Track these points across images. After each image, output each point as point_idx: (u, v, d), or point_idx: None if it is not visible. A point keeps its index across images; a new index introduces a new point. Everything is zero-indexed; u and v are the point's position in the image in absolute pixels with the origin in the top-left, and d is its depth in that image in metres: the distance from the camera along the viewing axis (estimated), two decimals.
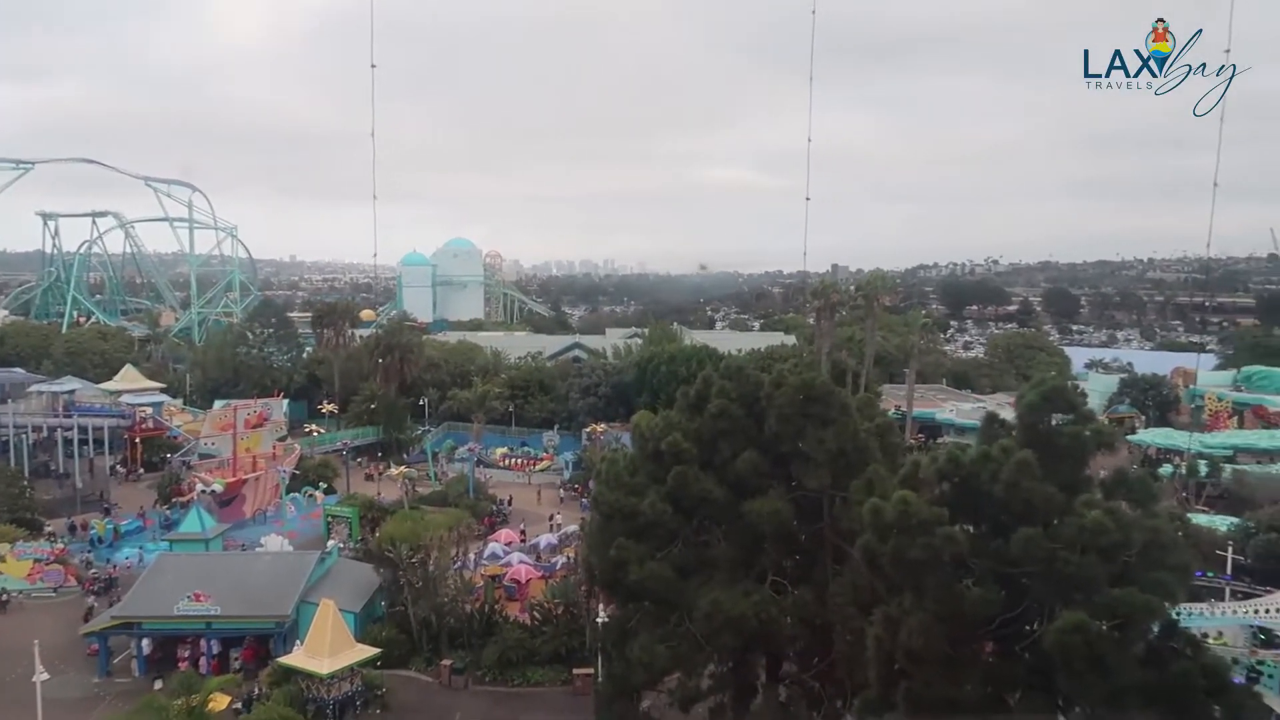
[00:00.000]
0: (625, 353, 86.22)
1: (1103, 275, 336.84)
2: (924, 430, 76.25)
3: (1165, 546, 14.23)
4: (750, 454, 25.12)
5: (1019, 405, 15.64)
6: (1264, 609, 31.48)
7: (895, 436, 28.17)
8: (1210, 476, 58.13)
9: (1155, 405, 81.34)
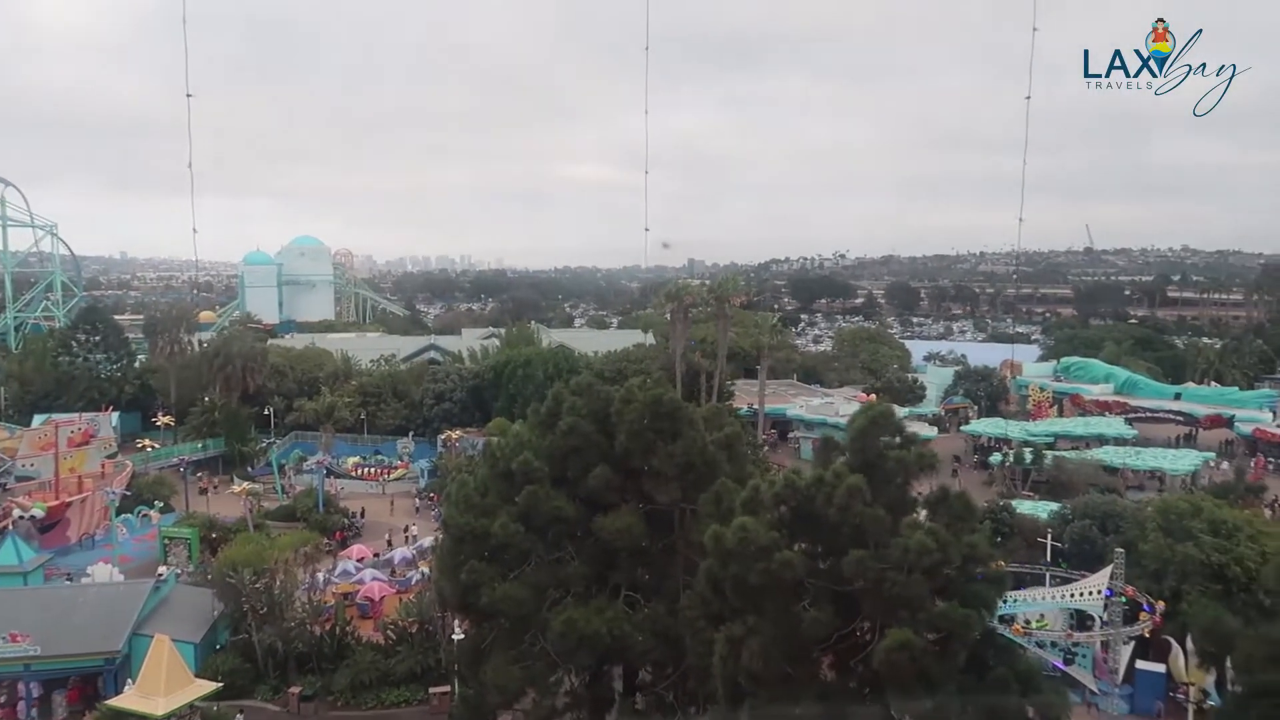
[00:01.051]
0: (482, 355, 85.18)
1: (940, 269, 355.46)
2: (776, 426, 78.76)
3: (981, 560, 15.19)
4: (602, 470, 25.25)
5: (850, 430, 16.32)
6: (1078, 592, 33.98)
7: (742, 445, 28.90)
8: (1034, 463, 62.25)
9: (986, 396, 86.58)
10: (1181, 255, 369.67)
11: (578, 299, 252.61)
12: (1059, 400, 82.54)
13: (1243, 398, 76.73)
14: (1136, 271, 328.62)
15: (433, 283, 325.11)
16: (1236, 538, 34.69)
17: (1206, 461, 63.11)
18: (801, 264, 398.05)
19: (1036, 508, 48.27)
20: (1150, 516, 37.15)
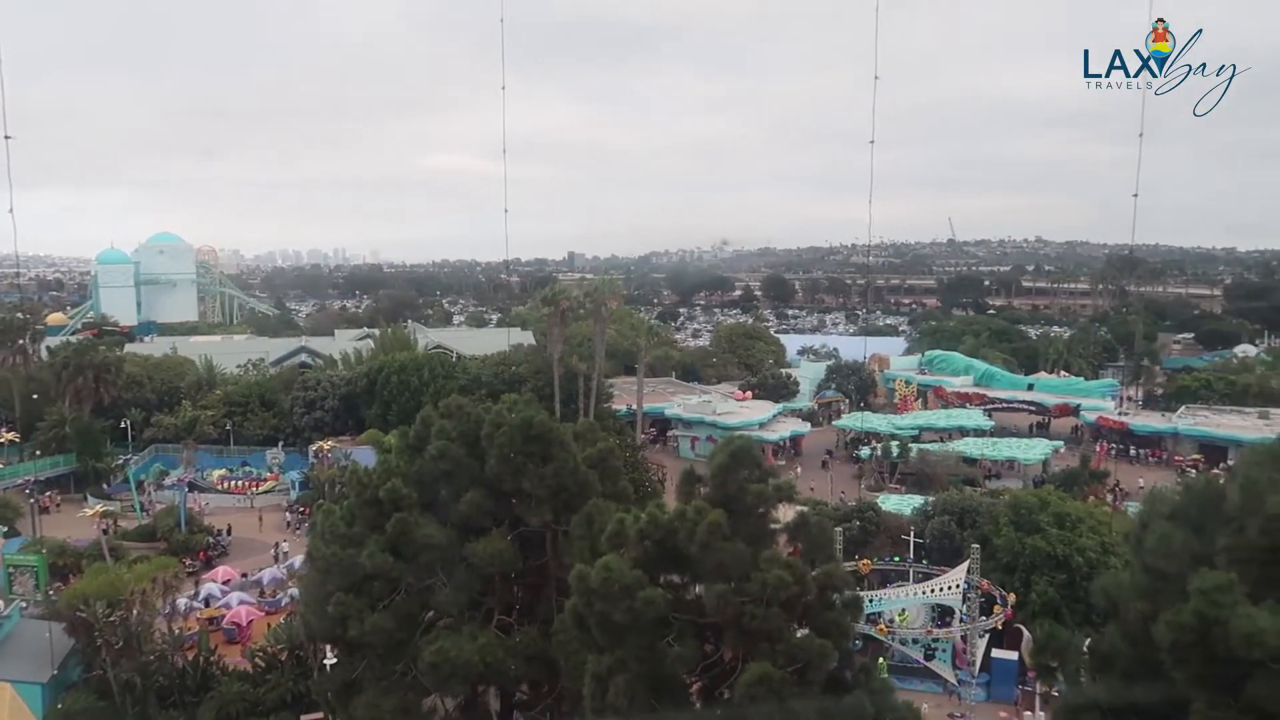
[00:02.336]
0: (355, 359, 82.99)
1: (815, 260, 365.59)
2: (655, 425, 79.60)
3: (837, 587, 15.80)
4: (473, 494, 25.07)
5: (711, 465, 16.70)
6: (939, 587, 35.66)
7: (615, 460, 29.04)
8: (900, 456, 64.93)
9: (857, 389, 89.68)
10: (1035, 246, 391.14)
11: (457, 294, 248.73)
12: (924, 393, 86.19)
13: (1088, 387, 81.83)
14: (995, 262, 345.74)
15: (304, 279, 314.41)
16: (1079, 529, 37.03)
17: (1056, 450, 66.99)
18: (681, 256, 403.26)
19: (902, 502, 50.41)
20: (1003, 511, 39.25)
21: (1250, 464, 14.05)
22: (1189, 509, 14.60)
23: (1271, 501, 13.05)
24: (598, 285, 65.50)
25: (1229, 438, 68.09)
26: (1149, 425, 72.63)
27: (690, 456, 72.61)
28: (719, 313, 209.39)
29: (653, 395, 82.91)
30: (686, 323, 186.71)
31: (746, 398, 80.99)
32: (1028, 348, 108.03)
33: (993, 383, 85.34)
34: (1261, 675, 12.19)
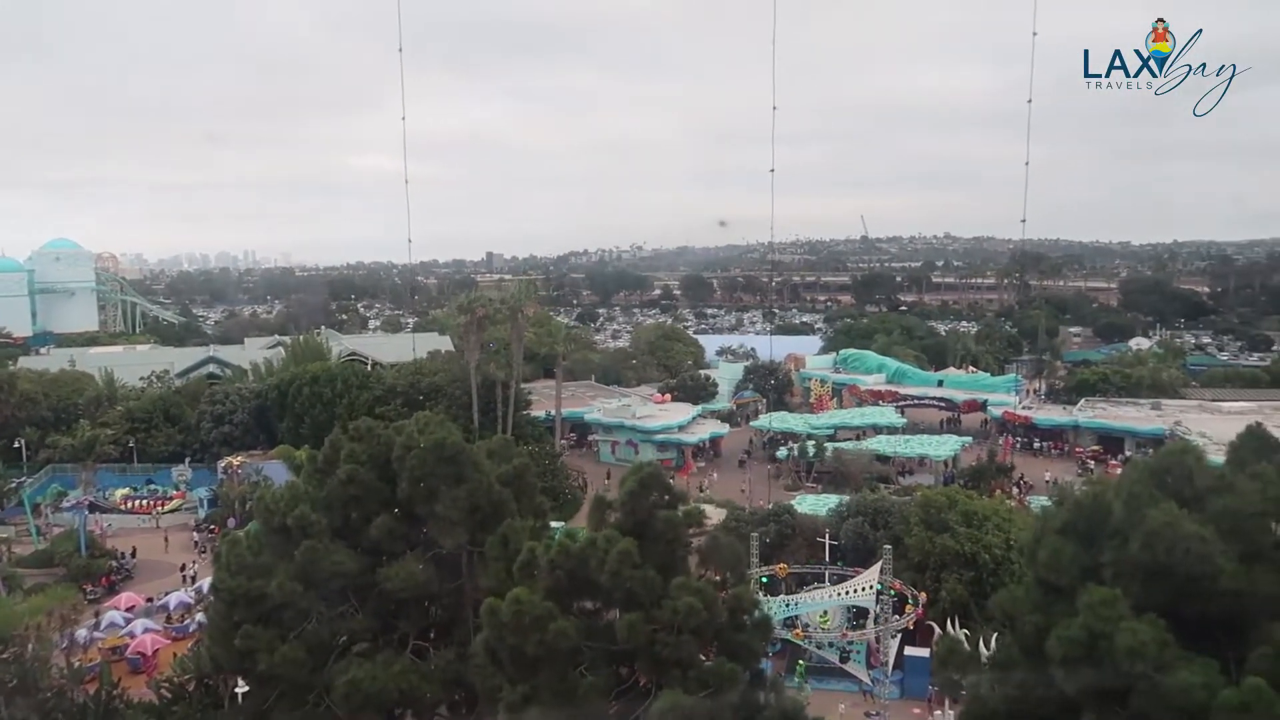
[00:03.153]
0: (266, 370, 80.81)
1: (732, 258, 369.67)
2: (575, 429, 79.45)
3: (747, 610, 16.03)
4: (384, 519, 24.64)
5: (621, 491, 16.76)
6: (853, 589, 36.44)
7: (531, 476, 28.93)
8: (817, 455, 66.11)
9: (774, 389, 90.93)
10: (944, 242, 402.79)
11: (372, 298, 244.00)
12: (839, 391, 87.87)
13: (993, 383, 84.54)
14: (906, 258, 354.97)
15: (212, 283, 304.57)
16: (985, 527, 38.28)
17: (965, 445, 68.99)
18: (600, 256, 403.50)
19: (818, 502, 51.27)
20: (913, 511, 40.32)
21: (1132, 480, 14.71)
22: (1078, 523, 15.21)
23: (1151, 517, 13.68)
24: (514, 291, 65.04)
25: (1125, 429, 71.18)
26: (1051, 419, 75.38)
27: (611, 461, 72.79)
28: (638, 313, 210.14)
29: (572, 399, 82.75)
30: (606, 324, 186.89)
31: (666, 400, 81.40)
32: (937, 344, 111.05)
33: (904, 380, 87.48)
34: (1144, 685, 12.78)
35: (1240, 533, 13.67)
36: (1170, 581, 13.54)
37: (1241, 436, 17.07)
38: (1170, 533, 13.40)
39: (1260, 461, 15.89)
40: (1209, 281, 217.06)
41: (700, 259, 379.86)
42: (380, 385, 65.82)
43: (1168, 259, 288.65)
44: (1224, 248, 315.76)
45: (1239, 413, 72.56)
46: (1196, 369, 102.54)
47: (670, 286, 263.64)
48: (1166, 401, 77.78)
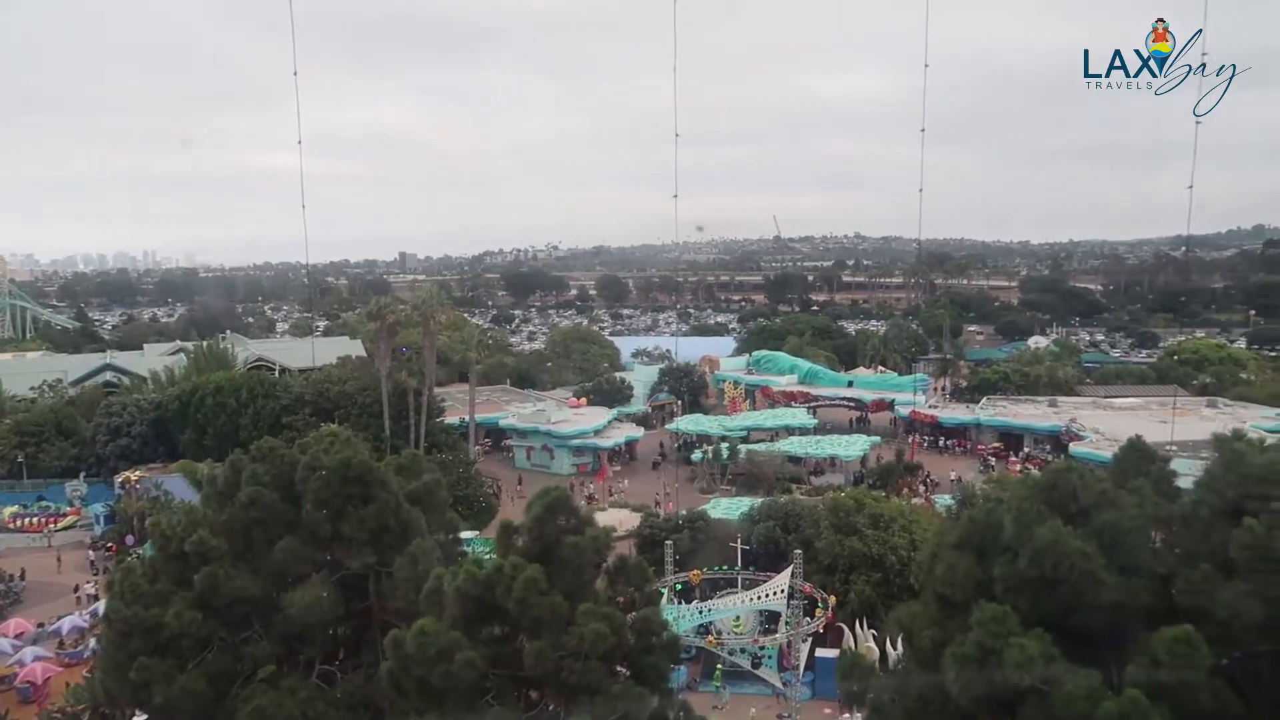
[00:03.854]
0: (167, 378, 77.99)
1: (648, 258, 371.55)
2: (490, 435, 78.79)
3: (655, 631, 16.14)
4: (288, 541, 23.99)
5: (527, 516, 16.69)
6: (765, 593, 37.00)
7: (441, 491, 28.53)
8: (730, 458, 66.89)
9: (689, 391, 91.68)
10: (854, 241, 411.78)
11: (280, 300, 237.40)
12: (752, 393, 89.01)
13: (901, 382, 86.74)
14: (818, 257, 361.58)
15: (110, 285, 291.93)
16: (891, 529, 39.27)
17: (874, 444, 70.71)
18: (515, 255, 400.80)
19: (732, 506, 51.91)
20: (823, 514, 41.12)
21: (1021, 497, 15.29)
22: (973, 538, 15.73)
23: (1038, 534, 14.24)
24: (425, 297, 64.08)
25: (1024, 426, 73.90)
26: (956, 417, 77.77)
27: (526, 466, 72.41)
28: (555, 314, 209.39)
29: (487, 404, 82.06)
30: (522, 325, 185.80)
31: (581, 404, 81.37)
32: (848, 344, 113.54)
33: (816, 381, 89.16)
34: (1032, 698, 13.31)
35: (1120, 547, 14.33)
36: (1057, 595, 14.11)
37: (1123, 448, 17.90)
38: (1056, 549, 13.96)
39: (1140, 474, 16.68)
40: (1102, 280, 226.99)
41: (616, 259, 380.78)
42: (288, 394, 64.08)
43: (1064, 258, 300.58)
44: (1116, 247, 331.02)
45: (1129, 409, 76.27)
46: (1090, 366, 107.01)
47: (586, 287, 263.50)
48: (1063, 399, 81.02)
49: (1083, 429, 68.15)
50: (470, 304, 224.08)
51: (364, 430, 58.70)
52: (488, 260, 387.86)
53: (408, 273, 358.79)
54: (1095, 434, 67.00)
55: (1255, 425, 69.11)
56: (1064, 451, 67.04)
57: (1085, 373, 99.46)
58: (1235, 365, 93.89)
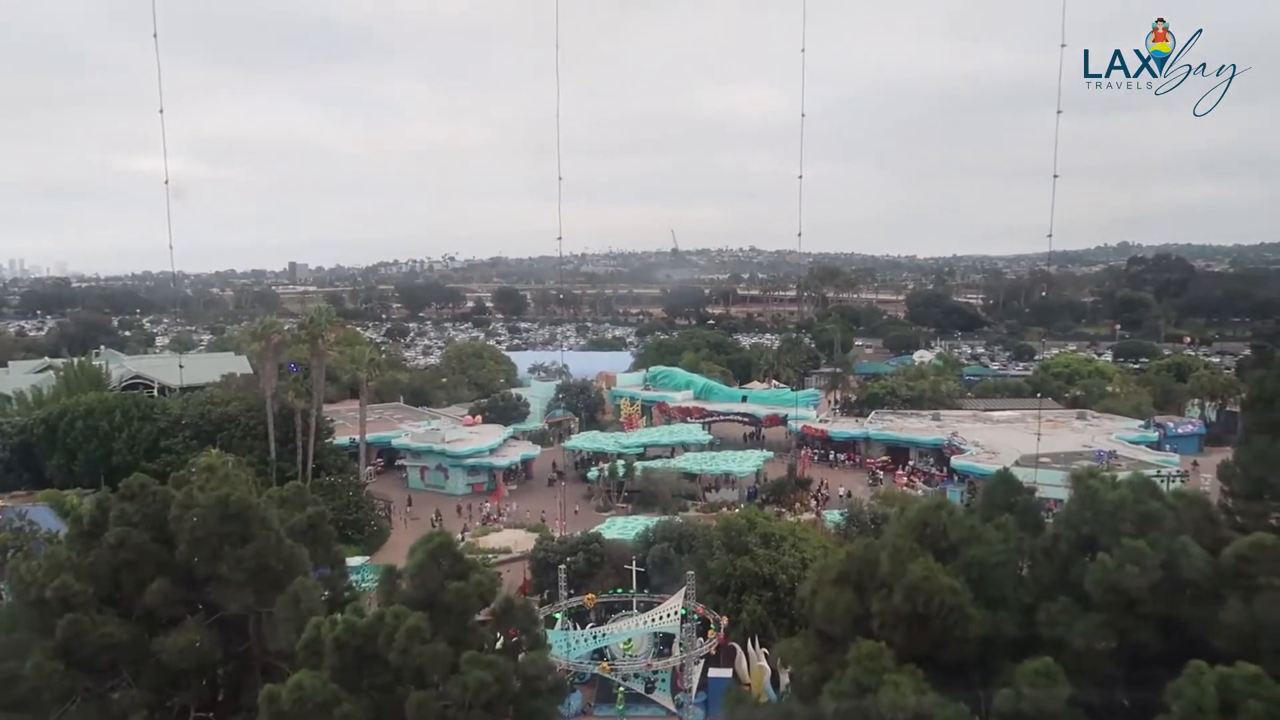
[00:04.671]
0: (35, 400, 73.72)
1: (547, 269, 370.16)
2: (383, 454, 77.05)
3: (540, 675, 16.06)
4: (160, 583, 23.00)
5: (409, 564, 16.41)
6: (660, 615, 37.16)
7: (326, 525, 27.80)
8: (627, 475, 67.07)
9: (586, 407, 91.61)
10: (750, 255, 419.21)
11: (161, 312, 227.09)
12: (648, 409, 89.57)
13: (794, 397, 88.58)
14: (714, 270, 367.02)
15: None
16: (782, 547, 40.00)
17: (768, 459, 71.98)
18: (411, 267, 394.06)
19: (627, 525, 52.04)
20: (715, 534, 41.58)
21: (896, 533, 15.82)
22: (851, 574, 16.18)
23: (911, 570, 14.75)
24: (314, 315, 62.19)
25: (910, 440, 76.44)
26: (846, 431, 79.88)
27: (420, 487, 71.07)
28: (450, 327, 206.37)
29: (379, 423, 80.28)
30: (417, 339, 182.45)
31: (476, 422, 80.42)
32: (743, 359, 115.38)
33: (711, 396, 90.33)
34: None
35: (987, 581, 14.97)
36: (929, 630, 14.63)
37: (992, 480, 18.69)
38: (927, 585, 14.49)
39: (1007, 507, 17.46)
40: (983, 294, 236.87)
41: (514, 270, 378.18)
42: (166, 416, 61.30)
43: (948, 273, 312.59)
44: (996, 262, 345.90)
45: (1005, 421, 79.83)
46: (972, 380, 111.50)
47: (484, 299, 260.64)
48: (946, 412, 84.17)
49: (964, 442, 70.85)
50: (363, 317, 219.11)
51: (248, 454, 56.73)
52: (382, 271, 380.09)
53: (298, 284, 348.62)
54: (975, 446, 69.78)
55: (1120, 436, 73.51)
56: (947, 464, 69.77)
57: (967, 386, 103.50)
58: (1102, 378, 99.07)
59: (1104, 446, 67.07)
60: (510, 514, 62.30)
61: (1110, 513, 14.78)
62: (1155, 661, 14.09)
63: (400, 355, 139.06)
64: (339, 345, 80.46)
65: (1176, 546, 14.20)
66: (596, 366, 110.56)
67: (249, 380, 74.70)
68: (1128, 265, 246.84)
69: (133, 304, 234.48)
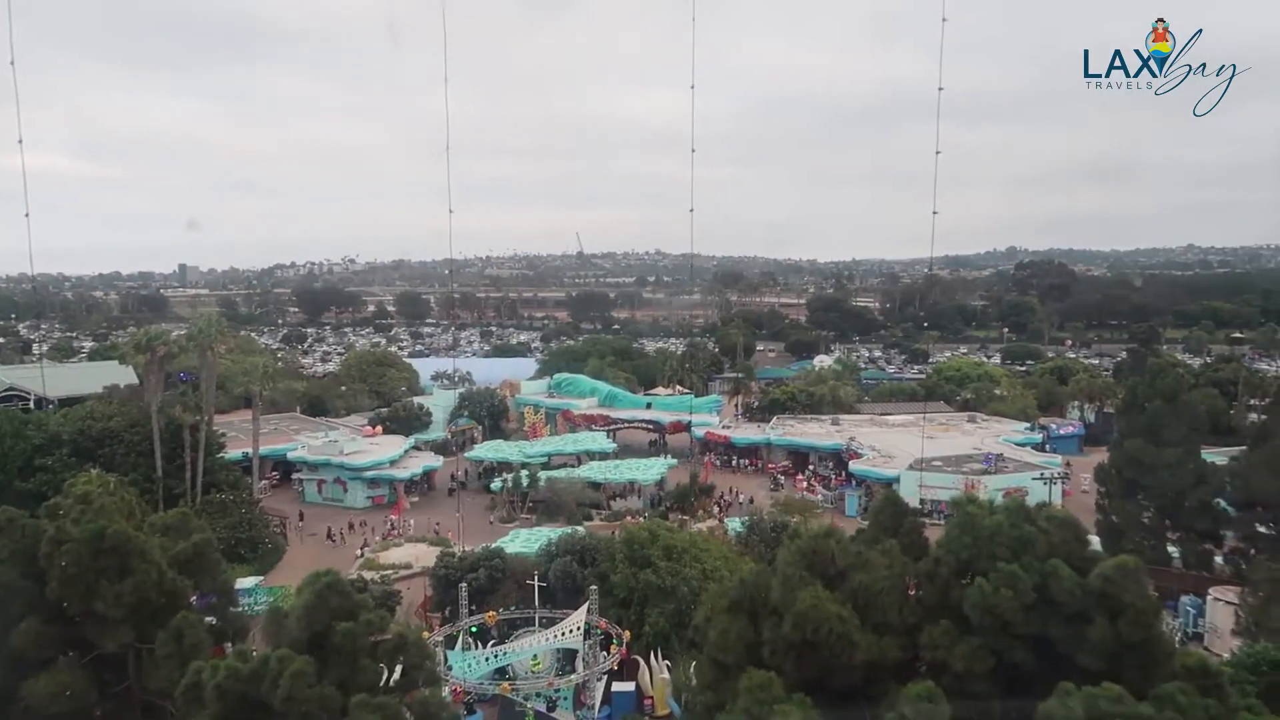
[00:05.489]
0: None
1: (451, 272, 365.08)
2: (278, 467, 74.78)
3: (435, 714, 15.83)
4: (30, 623, 21.90)
5: (296, 604, 15.95)
6: (563, 631, 36.99)
7: (213, 551, 26.85)
8: (531, 485, 66.61)
9: (490, 415, 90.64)
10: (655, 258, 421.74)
11: (39, 318, 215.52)
12: (553, 416, 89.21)
13: (697, 404, 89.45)
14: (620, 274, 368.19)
15: None
16: (684, 559, 40.32)
17: (671, 467, 72.45)
18: (309, 269, 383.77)
19: (531, 537, 51.73)
20: (618, 547, 41.64)
21: (786, 561, 16.11)
22: (744, 601, 16.41)
23: (800, 598, 15.04)
24: (202, 326, 59.69)
25: (810, 445, 78.04)
26: (748, 437, 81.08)
27: (318, 500, 69.21)
28: (350, 332, 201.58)
29: (275, 435, 77.96)
30: (315, 345, 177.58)
31: (377, 433, 78.79)
32: (647, 365, 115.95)
33: (616, 403, 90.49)
34: None
35: (873, 607, 15.38)
36: (818, 657, 14.96)
37: (878, 503, 19.20)
38: (816, 613, 14.81)
39: (893, 529, 17.98)
40: (880, 298, 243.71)
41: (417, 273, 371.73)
42: (42, 432, 58.09)
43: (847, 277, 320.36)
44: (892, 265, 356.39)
45: (901, 425, 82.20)
46: (870, 383, 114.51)
47: (385, 303, 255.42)
48: (844, 417, 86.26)
49: (861, 447, 72.72)
50: (258, 321, 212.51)
51: (132, 472, 54.29)
52: (279, 274, 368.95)
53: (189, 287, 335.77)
54: (872, 451, 71.70)
55: (1006, 439, 76.56)
56: (845, 469, 71.49)
57: (864, 390, 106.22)
58: (991, 381, 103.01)
59: (992, 449, 69.72)
60: (411, 527, 61.19)
61: (987, 538, 15.38)
62: (1030, 681, 14.70)
63: (297, 362, 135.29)
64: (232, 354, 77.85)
65: (1048, 569, 14.87)
66: (500, 373, 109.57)
67: (134, 392, 71.54)
68: (1015, 270, 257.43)
69: (6, 308, 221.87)
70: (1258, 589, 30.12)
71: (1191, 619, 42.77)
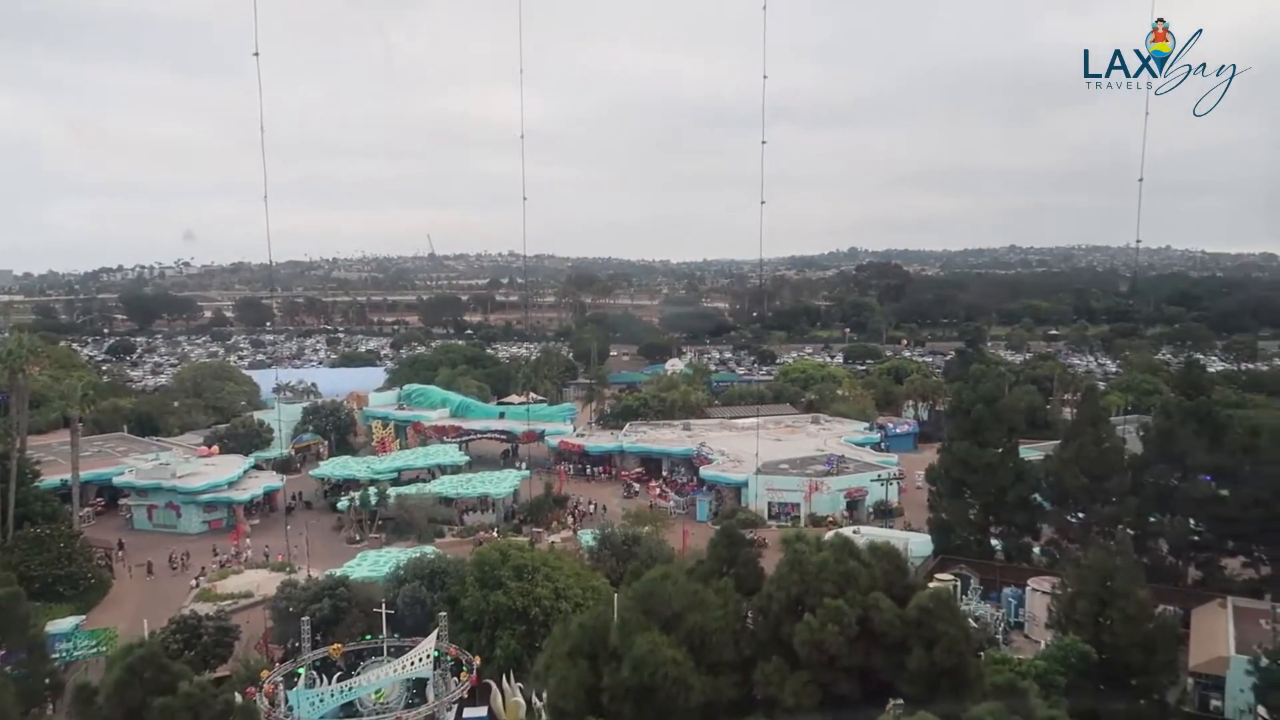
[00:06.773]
0: None
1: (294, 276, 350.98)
2: (101, 494, 70.06)
3: None
4: None
5: (106, 682, 14.98)
6: (412, 660, 36.16)
7: (21, 604, 24.94)
8: (380, 503, 64.78)
9: (336, 430, 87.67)
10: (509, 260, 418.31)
11: None
12: (403, 429, 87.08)
13: (550, 412, 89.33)
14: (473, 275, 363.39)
15: None
16: (535, 579, 40.14)
17: (525, 478, 71.99)
18: (139, 273, 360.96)
19: (379, 559, 50.41)
20: (469, 570, 41.06)
21: (624, 605, 16.31)
22: (584, 646, 16.51)
23: (637, 643, 15.26)
24: (12, 348, 55.10)
25: (662, 451, 79.17)
26: (601, 445, 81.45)
27: (148, 528, 65.24)
28: (185, 342, 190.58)
29: (99, 457, 73.04)
30: (145, 356, 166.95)
31: (213, 452, 74.87)
32: (500, 372, 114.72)
33: (468, 414, 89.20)
34: None
35: (708, 647, 15.78)
36: (655, 701, 15.21)
37: (717, 535, 19.70)
38: (652, 658, 15.07)
39: (730, 562, 18.47)
40: (730, 300, 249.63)
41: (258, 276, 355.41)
42: None
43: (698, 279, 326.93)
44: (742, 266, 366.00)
45: (749, 428, 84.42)
46: (720, 386, 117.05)
47: (223, 309, 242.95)
48: (695, 422, 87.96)
49: (711, 452, 74.30)
50: (80, 331, 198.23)
51: None
52: (104, 278, 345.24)
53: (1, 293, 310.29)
54: (722, 455, 73.39)
55: (848, 439, 79.93)
56: (697, 474, 72.86)
57: (714, 394, 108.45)
58: (834, 382, 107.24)
59: (834, 451, 72.63)
60: (252, 553, 58.48)
61: (814, 574, 16.02)
62: (856, 711, 15.41)
63: (125, 376, 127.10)
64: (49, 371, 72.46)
65: (869, 602, 15.63)
66: (348, 385, 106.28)
67: None
68: (855, 271, 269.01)
69: None
70: (1066, 584, 32.58)
71: (1014, 609, 45.80)
